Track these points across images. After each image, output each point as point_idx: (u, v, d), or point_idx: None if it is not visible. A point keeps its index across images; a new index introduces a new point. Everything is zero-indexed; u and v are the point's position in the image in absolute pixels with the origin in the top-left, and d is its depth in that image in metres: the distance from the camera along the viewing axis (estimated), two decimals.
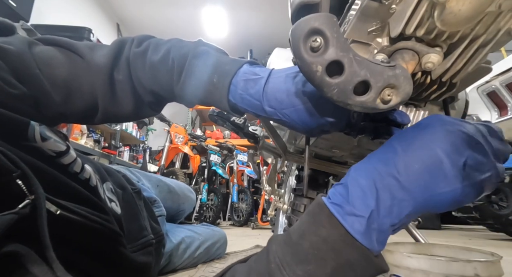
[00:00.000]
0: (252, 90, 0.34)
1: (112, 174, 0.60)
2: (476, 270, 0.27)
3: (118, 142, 3.08)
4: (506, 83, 1.55)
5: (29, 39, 0.39)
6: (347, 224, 0.26)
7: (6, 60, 0.34)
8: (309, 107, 0.32)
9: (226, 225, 3.16)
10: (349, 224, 0.26)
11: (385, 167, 0.27)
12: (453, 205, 0.27)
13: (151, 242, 0.61)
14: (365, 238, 0.26)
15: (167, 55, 0.39)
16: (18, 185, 0.27)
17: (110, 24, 3.59)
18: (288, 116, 0.33)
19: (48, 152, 0.36)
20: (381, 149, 0.30)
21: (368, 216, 0.26)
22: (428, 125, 0.29)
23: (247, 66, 0.36)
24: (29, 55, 0.37)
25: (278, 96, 0.33)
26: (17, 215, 0.26)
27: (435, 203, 0.27)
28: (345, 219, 0.27)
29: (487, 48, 0.29)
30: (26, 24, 1.87)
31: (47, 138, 0.36)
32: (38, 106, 0.37)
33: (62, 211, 0.32)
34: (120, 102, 0.43)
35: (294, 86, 0.33)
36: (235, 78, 0.35)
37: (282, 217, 1.05)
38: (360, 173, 0.29)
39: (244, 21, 3.70)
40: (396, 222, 0.27)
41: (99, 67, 0.41)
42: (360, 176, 0.28)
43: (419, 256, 0.30)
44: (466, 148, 0.26)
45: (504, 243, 1.80)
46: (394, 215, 0.26)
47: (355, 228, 0.26)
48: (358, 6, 0.30)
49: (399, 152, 0.28)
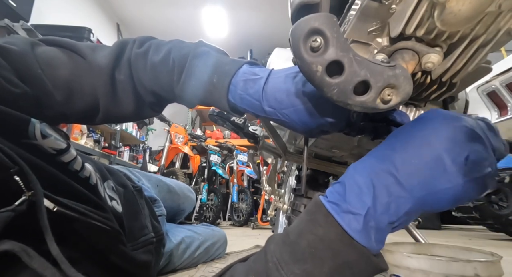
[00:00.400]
0: (252, 90, 0.34)
1: (113, 173, 0.60)
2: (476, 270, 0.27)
3: (118, 142, 3.08)
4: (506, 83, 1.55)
5: (31, 39, 0.40)
6: (344, 222, 0.26)
7: (8, 59, 0.35)
8: (309, 107, 0.32)
9: (226, 225, 3.16)
10: (345, 222, 0.26)
11: (382, 163, 0.27)
12: (454, 202, 0.26)
13: (152, 240, 0.61)
14: (362, 236, 0.26)
15: (168, 56, 0.39)
16: (16, 182, 0.27)
17: (110, 24, 3.59)
18: (287, 116, 0.33)
19: (48, 149, 0.36)
20: (380, 146, 0.30)
21: (365, 214, 0.26)
22: (427, 120, 0.28)
23: (246, 67, 0.36)
24: (32, 55, 0.37)
25: (277, 96, 0.33)
26: (14, 213, 0.26)
27: (435, 200, 0.26)
28: (342, 217, 0.26)
29: (487, 48, 0.29)
30: (26, 24, 1.87)
31: (48, 135, 0.36)
32: (40, 106, 0.38)
33: (59, 208, 0.32)
34: (121, 102, 0.43)
35: (294, 86, 0.32)
36: (234, 78, 0.35)
37: (282, 217, 1.05)
38: (357, 170, 0.28)
39: (244, 21, 3.70)
40: (395, 220, 0.26)
41: (100, 68, 0.41)
42: (357, 173, 0.28)
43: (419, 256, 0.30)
44: (468, 142, 0.26)
45: (504, 243, 1.80)
46: (391, 212, 0.26)
47: (352, 227, 0.26)
48: (358, 6, 0.30)
49: (397, 148, 0.27)
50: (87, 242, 0.39)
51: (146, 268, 0.57)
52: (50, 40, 0.41)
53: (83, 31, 2.29)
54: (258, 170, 3.59)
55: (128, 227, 0.51)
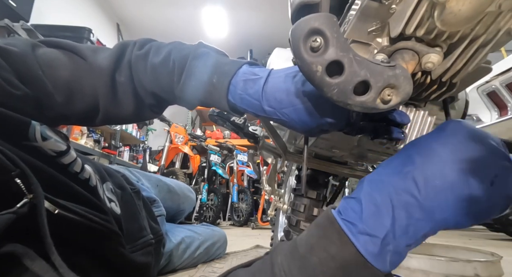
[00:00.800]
0: (251, 90, 0.34)
1: (111, 174, 0.60)
2: (476, 270, 0.27)
3: (118, 142, 3.08)
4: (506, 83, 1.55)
5: (32, 41, 0.40)
6: (360, 245, 0.25)
7: (9, 61, 0.35)
8: (308, 107, 0.32)
9: (226, 225, 3.16)
10: (361, 244, 0.25)
11: (402, 181, 0.25)
12: (476, 222, 0.25)
13: (151, 242, 0.61)
14: (378, 260, 0.24)
15: (168, 57, 0.39)
16: (17, 184, 0.28)
17: (110, 24, 3.59)
18: (287, 116, 0.33)
19: (49, 152, 0.36)
20: (398, 157, 0.28)
21: (383, 237, 0.24)
22: (450, 134, 0.26)
23: (246, 67, 0.36)
24: (32, 56, 0.37)
25: (277, 95, 0.33)
26: (15, 215, 0.26)
27: (455, 222, 0.24)
28: (358, 238, 0.25)
29: (487, 48, 0.29)
30: (26, 24, 1.87)
31: (48, 137, 0.36)
32: (40, 107, 0.38)
33: (60, 210, 0.32)
34: (121, 103, 0.43)
35: (294, 86, 0.32)
36: (234, 79, 0.35)
37: (282, 217, 1.05)
38: (375, 187, 0.27)
39: (244, 21, 3.70)
40: (412, 242, 0.25)
41: (101, 69, 0.41)
42: (374, 190, 0.26)
43: (419, 256, 0.30)
44: (496, 162, 0.24)
45: (504, 243, 1.80)
46: (410, 235, 0.25)
47: (369, 250, 0.24)
48: (358, 6, 0.30)
49: (418, 164, 0.25)
50: (86, 244, 0.39)
51: (146, 269, 0.57)
52: (51, 41, 0.42)
53: (83, 31, 2.29)
54: (258, 170, 3.59)
55: (126, 229, 0.51)
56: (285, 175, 1.06)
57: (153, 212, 0.73)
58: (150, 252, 0.60)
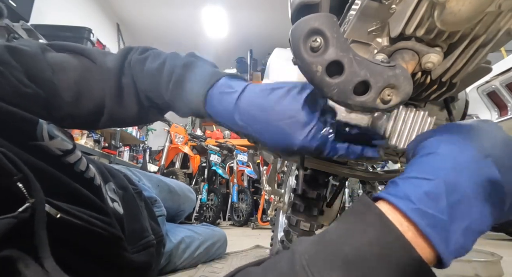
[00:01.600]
0: (225, 103, 0.34)
1: (114, 174, 0.60)
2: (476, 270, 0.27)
3: (118, 142, 3.08)
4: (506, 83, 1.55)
5: (41, 44, 0.40)
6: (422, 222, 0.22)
7: (20, 60, 0.35)
8: (280, 126, 0.31)
9: (226, 225, 3.16)
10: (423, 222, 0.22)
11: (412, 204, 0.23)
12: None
13: (152, 243, 0.61)
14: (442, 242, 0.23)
15: (162, 65, 0.40)
16: (18, 188, 0.28)
17: (110, 24, 3.59)
18: (259, 133, 0.33)
19: (55, 151, 0.37)
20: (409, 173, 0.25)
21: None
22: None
23: (225, 79, 0.36)
24: (42, 57, 0.38)
25: (251, 111, 0.33)
26: (16, 219, 0.26)
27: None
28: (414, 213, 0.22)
29: (487, 48, 0.29)
30: (26, 24, 1.87)
31: (55, 136, 0.37)
32: (48, 107, 0.38)
33: (62, 215, 0.32)
34: (126, 105, 0.44)
35: (267, 103, 0.32)
36: (211, 90, 0.36)
37: (282, 217, 1.05)
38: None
39: (244, 21, 3.70)
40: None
41: (109, 70, 0.42)
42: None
43: None
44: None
45: (504, 243, 1.80)
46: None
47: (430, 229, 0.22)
48: (358, 6, 0.30)
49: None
50: (88, 247, 0.39)
51: (147, 270, 0.57)
52: (60, 45, 0.42)
53: (83, 31, 2.29)
54: (258, 170, 3.59)
55: (128, 229, 0.51)
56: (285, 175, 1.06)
57: (154, 213, 0.73)
58: (152, 253, 0.60)
